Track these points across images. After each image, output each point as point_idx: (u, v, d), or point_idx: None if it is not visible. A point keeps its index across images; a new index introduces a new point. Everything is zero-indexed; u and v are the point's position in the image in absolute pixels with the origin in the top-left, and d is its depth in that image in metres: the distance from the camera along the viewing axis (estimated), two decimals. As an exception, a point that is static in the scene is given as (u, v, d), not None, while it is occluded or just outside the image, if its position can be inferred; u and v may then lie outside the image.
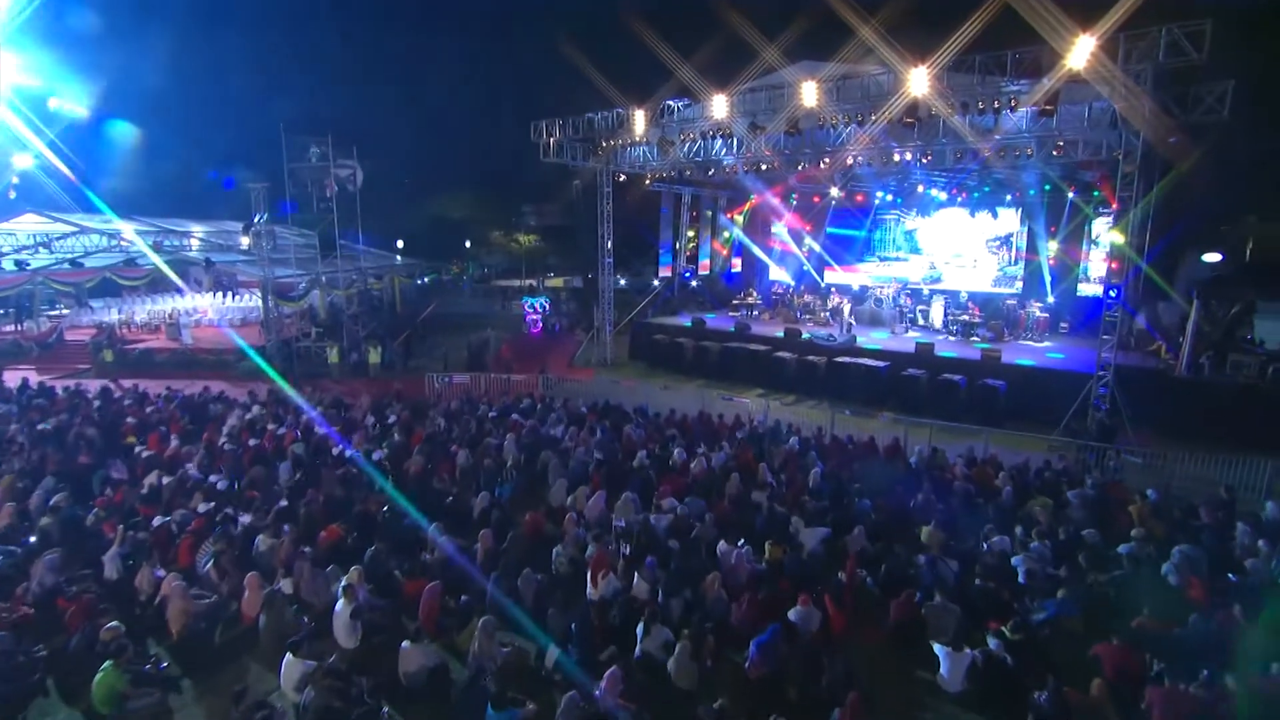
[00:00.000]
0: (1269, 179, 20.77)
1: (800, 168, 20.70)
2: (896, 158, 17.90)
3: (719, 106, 17.78)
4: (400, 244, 48.49)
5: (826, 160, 19.31)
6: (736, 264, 33.83)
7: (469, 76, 69.03)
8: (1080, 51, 12.54)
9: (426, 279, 46.08)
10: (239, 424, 15.16)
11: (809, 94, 15.88)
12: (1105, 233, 23.31)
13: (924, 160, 17.76)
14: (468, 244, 61.15)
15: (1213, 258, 16.64)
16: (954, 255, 27.31)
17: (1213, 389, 16.29)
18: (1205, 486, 12.82)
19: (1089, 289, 24.17)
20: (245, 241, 24.98)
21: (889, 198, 27.78)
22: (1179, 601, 8.44)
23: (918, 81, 14.27)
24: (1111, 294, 17.43)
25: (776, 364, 21.17)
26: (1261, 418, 15.17)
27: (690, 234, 32.18)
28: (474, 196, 59.93)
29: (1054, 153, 16.22)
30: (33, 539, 9.42)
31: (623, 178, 25.47)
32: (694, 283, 32.61)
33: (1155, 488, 12.28)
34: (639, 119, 19.72)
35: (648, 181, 26.40)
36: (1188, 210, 17.03)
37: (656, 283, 32.36)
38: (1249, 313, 16.89)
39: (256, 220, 23.22)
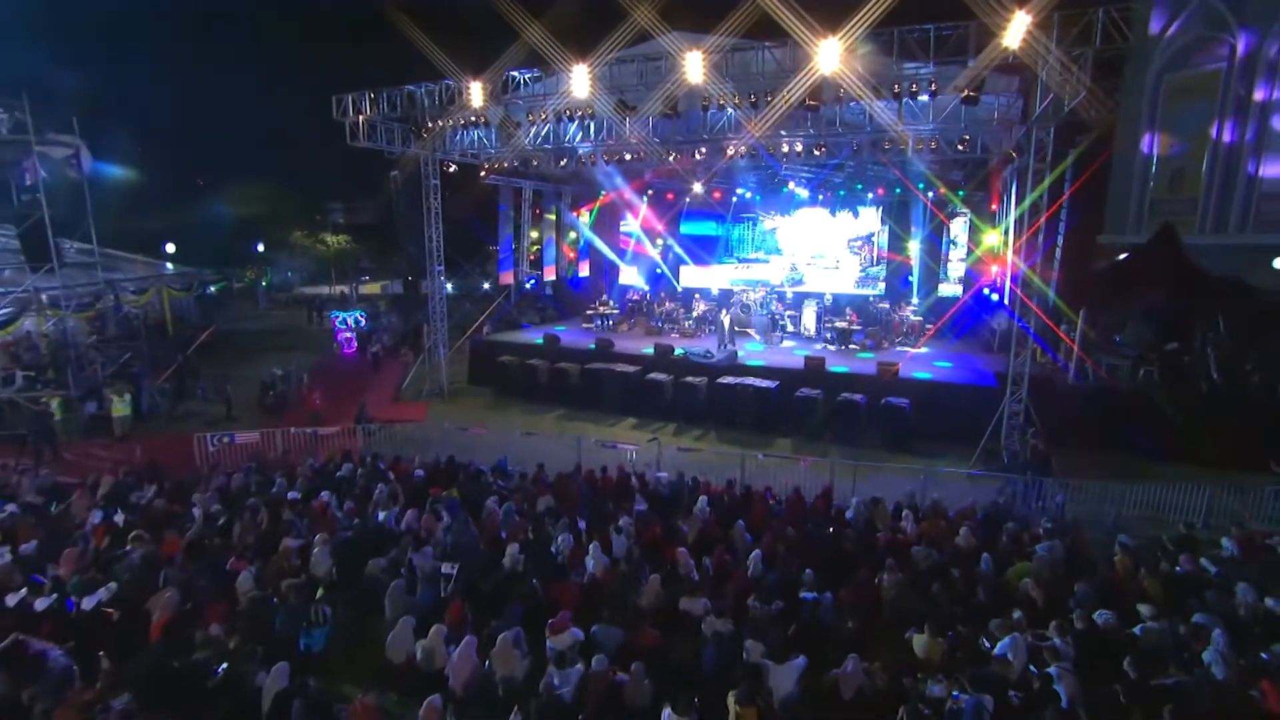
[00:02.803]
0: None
1: (672, 158, 17.84)
2: (787, 148, 15.56)
3: (579, 80, 14.33)
4: (170, 248, 39.57)
5: (703, 150, 16.59)
6: (585, 268, 30.62)
7: (257, 37, 57.49)
8: (1015, 29, 10.77)
9: (213, 289, 37.97)
10: None
11: (693, 68, 12.97)
12: (976, 234, 23.07)
13: (817, 151, 15.58)
14: (260, 247, 52.15)
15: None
16: (815, 256, 26.19)
17: (1103, 395, 15.83)
18: (1149, 513, 11.81)
19: (949, 289, 24.01)
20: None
21: (748, 195, 25.99)
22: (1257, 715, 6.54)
23: (827, 57, 11.85)
24: (994, 297, 16.55)
25: (650, 388, 18.27)
26: (1151, 422, 14.84)
27: (534, 234, 28.41)
28: (269, 189, 51.12)
29: (959, 146, 14.71)
30: None
31: (453, 168, 21.16)
32: (529, 285, 28.88)
33: (1107, 523, 11.16)
34: (475, 93, 15.67)
35: (484, 173, 22.33)
36: (1075, 210, 16.40)
37: (487, 286, 28.31)
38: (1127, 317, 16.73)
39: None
